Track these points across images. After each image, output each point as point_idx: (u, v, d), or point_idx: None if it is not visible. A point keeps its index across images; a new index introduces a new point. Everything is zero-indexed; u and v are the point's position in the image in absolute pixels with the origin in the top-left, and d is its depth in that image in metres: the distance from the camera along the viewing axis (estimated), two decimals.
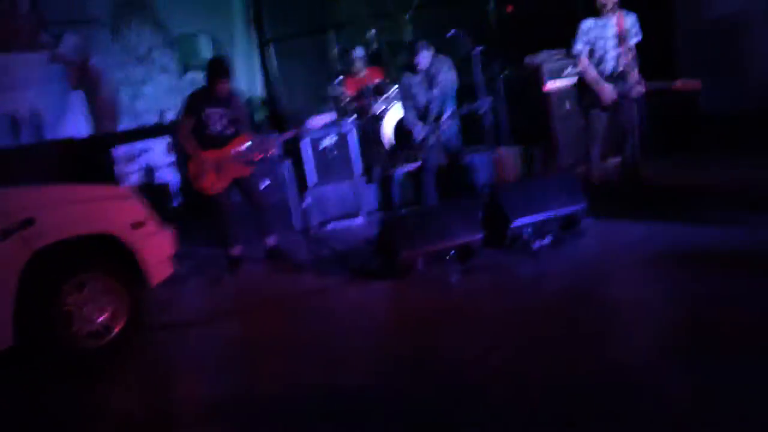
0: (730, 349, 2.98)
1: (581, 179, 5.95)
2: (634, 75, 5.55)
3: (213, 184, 5.62)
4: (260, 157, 5.78)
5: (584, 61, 5.77)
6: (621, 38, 5.63)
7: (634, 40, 5.64)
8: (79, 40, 7.90)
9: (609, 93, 5.63)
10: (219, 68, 5.66)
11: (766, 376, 2.71)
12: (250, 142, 5.72)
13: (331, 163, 7.04)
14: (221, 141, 5.63)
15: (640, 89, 5.53)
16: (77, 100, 7.81)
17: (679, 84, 5.39)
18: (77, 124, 7.70)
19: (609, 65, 5.74)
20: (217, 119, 5.60)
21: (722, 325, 3.22)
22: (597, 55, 5.74)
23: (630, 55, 5.55)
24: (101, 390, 3.81)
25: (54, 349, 3.97)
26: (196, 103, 5.60)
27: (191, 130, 5.57)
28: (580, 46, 5.78)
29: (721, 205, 5.16)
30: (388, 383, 3.27)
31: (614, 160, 6.63)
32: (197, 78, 9.21)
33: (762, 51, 7.64)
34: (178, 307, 5.06)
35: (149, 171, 7.81)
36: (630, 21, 5.62)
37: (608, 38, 5.70)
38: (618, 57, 5.70)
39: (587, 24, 5.75)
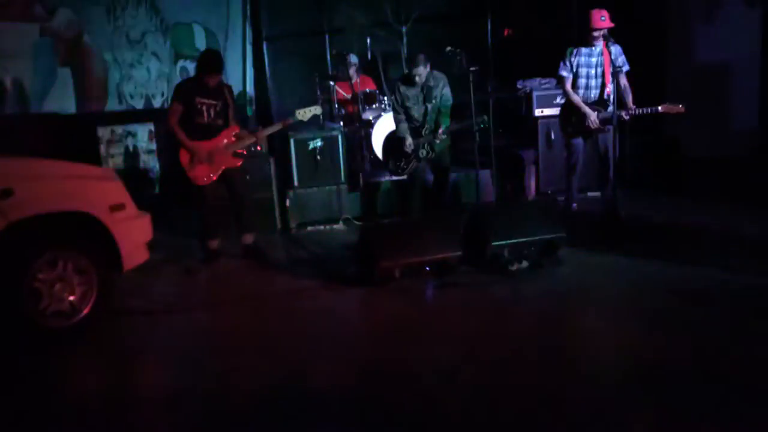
0: (693, 378, 3.03)
1: (561, 208, 6.04)
2: (625, 103, 5.63)
3: (205, 174, 5.56)
4: (248, 150, 5.75)
5: (567, 85, 5.88)
6: (605, 68, 5.74)
7: (623, 70, 5.73)
8: (73, 16, 7.80)
9: (593, 118, 5.73)
10: (212, 60, 5.62)
11: (730, 404, 2.76)
12: (238, 134, 5.69)
13: (317, 167, 7.02)
14: (210, 132, 5.58)
15: (624, 116, 5.61)
16: (65, 76, 7.69)
17: (663, 107, 5.51)
18: (63, 100, 7.57)
19: (592, 93, 5.85)
20: (206, 110, 5.56)
21: (689, 361, 3.27)
22: (580, 82, 5.86)
23: (615, 85, 5.63)
24: (62, 370, 3.75)
25: (19, 324, 3.89)
26: (186, 92, 5.55)
27: (180, 119, 5.52)
28: (565, 72, 5.89)
29: (699, 246, 5.25)
30: (351, 390, 3.26)
31: (594, 194, 6.74)
32: (188, 67, 9.16)
33: (747, 99, 7.84)
34: (148, 295, 4.99)
35: (132, 155, 7.73)
36: (615, 52, 5.72)
37: (593, 66, 5.82)
38: (602, 86, 5.82)
39: (572, 50, 5.86)
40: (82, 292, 4.14)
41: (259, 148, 6.05)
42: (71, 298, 4.10)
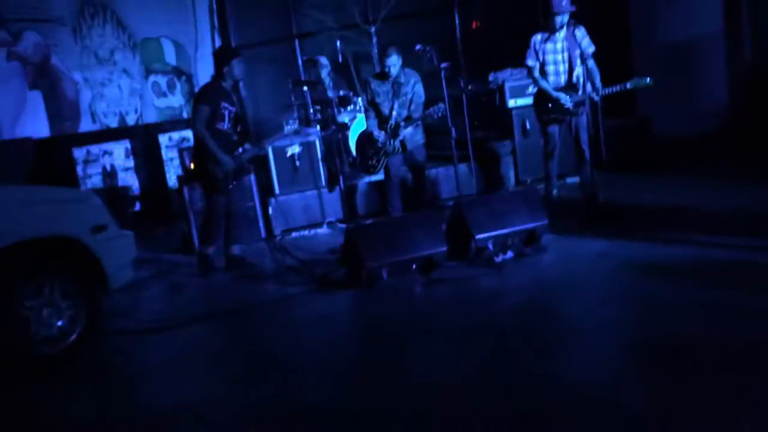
0: (685, 362, 3.08)
1: (542, 196, 6.09)
2: (589, 86, 5.69)
3: (230, 182, 5.55)
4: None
5: (535, 73, 5.94)
6: (571, 51, 5.79)
7: (589, 51, 5.77)
8: (39, 39, 7.73)
9: (565, 99, 5.79)
10: (228, 48, 5.57)
11: (718, 386, 2.82)
12: (248, 143, 5.69)
13: (296, 172, 7.04)
14: (230, 138, 5.53)
15: (594, 97, 5.66)
16: (36, 100, 7.63)
17: (631, 83, 5.59)
18: (36, 124, 7.52)
19: (561, 78, 5.90)
20: (228, 115, 5.47)
21: (677, 339, 3.32)
22: (548, 69, 5.91)
23: (583, 68, 5.69)
24: (56, 396, 3.73)
25: (9, 352, 3.87)
26: (213, 95, 5.40)
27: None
28: (531, 62, 5.95)
29: (678, 224, 5.33)
30: (347, 396, 3.28)
31: (572, 179, 6.82)
32: (159, 82, 9.11)
33: (714, 76, 7.97)
34: (138, 313, 4.97)
35: (110, 174, 7.68)
36: (580, 34, 5.77)
37: (558, 52, 5.86)
38: (569, 70, 5.87)
39: (537, 38, 5.91)
40: (70, 316, 4.12)
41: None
42: (59, 323, 4.07)
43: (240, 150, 5.65)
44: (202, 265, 5.73)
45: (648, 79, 5.56)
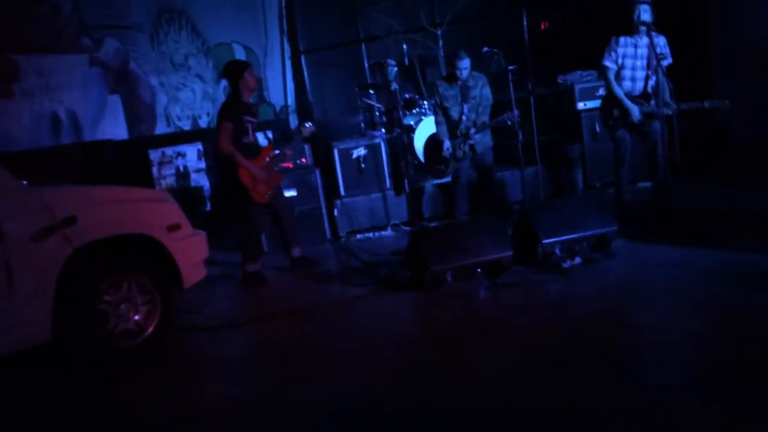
0: (759, 382, 2.96)
1: (611, 201, 5.96)
2: (664, 96, 5.50)
3: (266, 192, 5.59)
4: (294, 163, 5.84)
5: (610, 76, 5.76)
6: (650, 60, 5.62)
7: (665, 63, 5.60)
8: (119, 45, 8.08)
9: (636, 113, 5.63)
10: (240, 62, 5.71)
11: None
12: (275, 151, 5.78)
13: (362, 174, 7.11)
14: (256, 150, 5.65)
15: (667, 111, 5.48)
16: (115, 104, 7.97)
17: (709, 104, 5.40)
18: (115, 127, 7.85)
19: (637, 85, 5.73)
20: (250, 128, 5.60)
21: (755, 354, 3.19)
22: (625, 74, 5.74)
23: (659, 77, 5.51)
24: (132, 388, 3.88)
25: (89, 346, 4.06)
26: (234, 111, 5.54)
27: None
28: (609, 63, 5.77)
29: (753, 232, 5.12)
30: (411, 397, 3.28)
31: (644, 184, 6.62)
32: None
33: None
34: (207, 310, 5.12)
35: (183, 175, 7.93)
36: (661, 43, 5.60)
37: (638, 58, 5.69)
38: (646, 78, 5.70)
39: (618, 41, 5.74)
40: (146, 311, 4.29)
41: (303, 160, 6.15)
42: (136, 317, 4.25)
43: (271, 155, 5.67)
44: (248, 284, 5.69)
45: (727, 101, 5.35)
